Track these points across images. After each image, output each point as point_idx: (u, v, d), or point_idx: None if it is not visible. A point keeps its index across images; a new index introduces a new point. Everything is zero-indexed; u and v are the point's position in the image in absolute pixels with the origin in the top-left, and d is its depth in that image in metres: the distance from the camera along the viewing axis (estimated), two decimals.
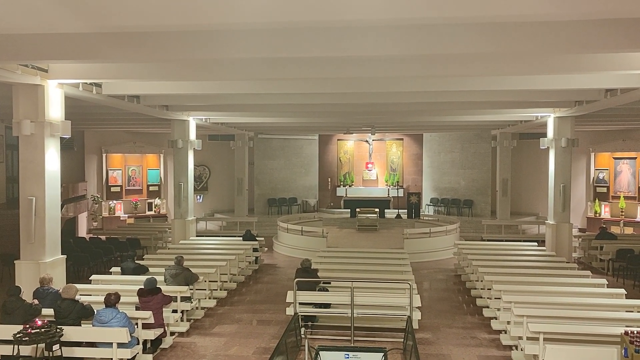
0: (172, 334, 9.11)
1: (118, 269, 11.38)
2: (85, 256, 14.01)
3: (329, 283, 10.12)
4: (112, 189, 23.14)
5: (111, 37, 7.09)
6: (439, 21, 6.19)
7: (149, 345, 8.27)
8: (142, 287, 8.61)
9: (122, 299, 8.00)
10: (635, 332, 6.39)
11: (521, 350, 7.85)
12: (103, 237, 17.31)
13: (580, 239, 16.91)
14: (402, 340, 8.63)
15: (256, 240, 15.72)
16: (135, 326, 7.78)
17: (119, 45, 7.26)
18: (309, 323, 9.49)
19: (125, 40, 7.18)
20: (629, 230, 19.91)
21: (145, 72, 9.47)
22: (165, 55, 7.67)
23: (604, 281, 10.41)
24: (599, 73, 9.74)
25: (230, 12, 5.78)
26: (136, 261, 11.55)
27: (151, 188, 24.15)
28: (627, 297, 9.34)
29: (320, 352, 7.22)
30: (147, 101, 13.14)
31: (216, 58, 8.25)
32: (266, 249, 17.17)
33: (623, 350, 6.31)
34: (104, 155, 22.96)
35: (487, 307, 10.16)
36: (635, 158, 21.24)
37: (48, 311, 7.91)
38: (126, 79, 10.11)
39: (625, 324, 7.64)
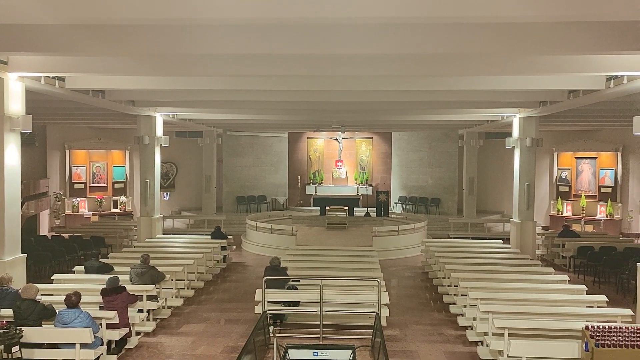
0: (137, 333, 8.94)
1: (81, 268, 11.11)
2: (47, 255, 13.62)
3: (298, 281, 10.11)
4: (76, 186, 22.54)
5: (79, 30, 6.90)
6: (408, 21, 6.25)
7: (113, 345, 8.11)
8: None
9: (86, 299, 7.83)
10: (595, 326, 6.57)
11: (487, 345, 7.98)
12: (66, 236, 16.85)
13: (543, 237, 17.35)
14: (370, 337, 8.68)
15: (226, 238, 15.57)
16: (100, 326, 7.60)
17: (87, 38, 7.06)
18: (278, 321, 9.45)
19: (94, 33, 6.99)
20: (589, 228, 20.53)
21: (111, 66, 9.24)
22: (136, 50, 7.50)
23: (565, 277, 10.70)
24: (563, 74, 9.98)
25: (204, 7, 5.70)
26: (100, 260, 11.30)
27: (116, 185, 23.64)
28: (588, 292, 9.61)
29: (289, 350, 7.22)
30: (112, 96, 12.84)
31: (187, 53, 8.11)
32: (234, 247, 17.03)
33: (584, 345, 6.48)
34: (67, 151, 22.34)
35: (454, 303, 10.31)
36: (596, 158, 21.91)
37: (7, 312, 7.65)
38: (91, 72, 9.84)
39: (586, 319, 7.87)
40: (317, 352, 7.25)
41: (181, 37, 7.22)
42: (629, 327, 6.56)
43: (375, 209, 22.65)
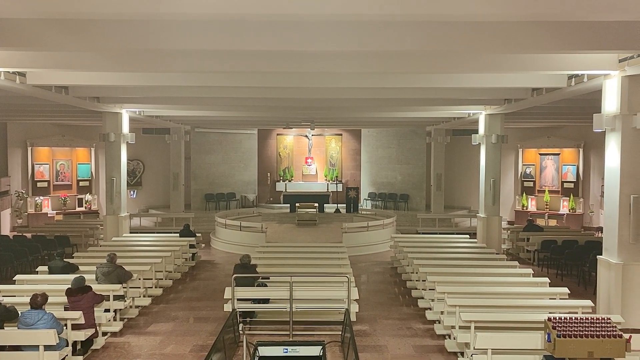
0: (104, 334, 8.79)
1: (45, 268, 10.85)
2: (9, 255, 13.24)
3: (268, 278, 10.09)
4: (39, 184, 21.95)
5: (42, 23, 6.71)
6: (377, 18, 6.29)
7: (79, 346, 7.95)
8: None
9: (50, 299, 7.64)
10: (557, 318, 6.76)
11: (454, 338, 8.13)
12: (28, 235, 16.42)
13: (508, 231, 17.72)
14: (340, 333, 8.73)
15: (194, 236, 15.42)
16: (64, 327, 7.45)
17: (50, 32, 6.87)
18: (247, 319, 9.42)
19: (57, 27, 6.81)
20: (552, 223, 21.10)
21: (75, 61, 9.01)
22: (101, 45, 7.32)
23: (529, 271, 10.95)
24: (527, 73, 10.22)
25: (171, 1, 5.63)
26: (65, 259, 11.05)
27: (81, 183, 23.12)
28: (551, 285, 9.88)
29: (259, 348, 7.21)
30: (76, 92, 12.52)
31: (154, 49, 7.98)
32: (203, 245, 16.88)
33: (546, 336, 6.66)
34: (29, 148, 21.72)
35: (422, 298, 10.45)
36: (559, 154, 22.52)
37: None
38: (54, 68, 9.57)
39: (549, 311, 8.09)
40: (287, 349, 7.26)
41: (148, 32, 7.10)
42: (589, 318, 6.76)
43: (345, 205, 22.76)
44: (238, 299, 9.07)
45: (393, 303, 11.29)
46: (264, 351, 7.22)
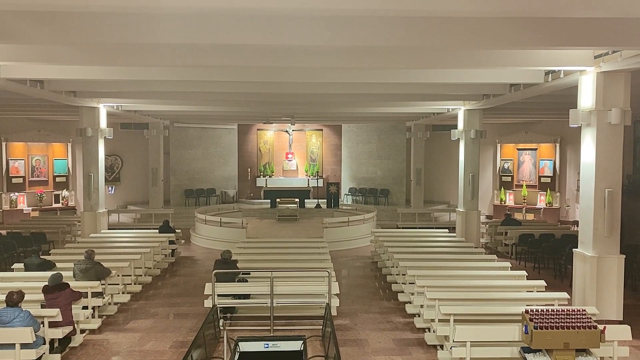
0: (82, 331, 8.69)
1: (21, 266, 10.68)
2: None
3: (249, 274, 10.07)
4: (14, 180, 21.52)
5: (16, 16, 6.56)
6: (356, 14, 6.29)
7: (56, 344, 7.84)
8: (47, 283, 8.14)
9: (27, 297, 7.52)
10: (534, 310, 6.88)
11: (433, 332, 8.22)
12: (3, 232, 16.08)
13: (487, 225, 17.94)
14: (320, 327, 8.76)
15: (174, 232, 15.29)
16: (41, 325, 7.34)
17: (24, 24, 6.71)
18: (228, 315, 9.39)
19: (32, 20, 6.67)
20: (530, 217, 21.41)
21: (50, 55, 8.82)
22: (78, 38, 7.16)
23: (507, 264, 11.12)
24: (505, 68, 10.33)
25: None
26: (42, 256, 10.87)
27: (58, 179, 22.74)
28: (528, 278, 10.03)
29: (240, 343, 7.21)
30: (52, 86, 12.30)
31: (132, 42, 7.85)
32: (183, 241, 16.76)
33: (524, 328, 6.77)
34: (3, 143, 21.26)
35: (402, 292, 10.53)
36: (536, 149, 22.85)
37: None
38: (28, 61, 9.36)
39: (526, 303, 8.22)
40: (268, 344, 7.27)
41: (126, 26, 6.99)
42: (565, 310, 6.91)
43: (325, 200, 22.80)
44: (218, 295, 9.03)
45: (373, 297, 11.36)
46: (244, 346, 7.22)
